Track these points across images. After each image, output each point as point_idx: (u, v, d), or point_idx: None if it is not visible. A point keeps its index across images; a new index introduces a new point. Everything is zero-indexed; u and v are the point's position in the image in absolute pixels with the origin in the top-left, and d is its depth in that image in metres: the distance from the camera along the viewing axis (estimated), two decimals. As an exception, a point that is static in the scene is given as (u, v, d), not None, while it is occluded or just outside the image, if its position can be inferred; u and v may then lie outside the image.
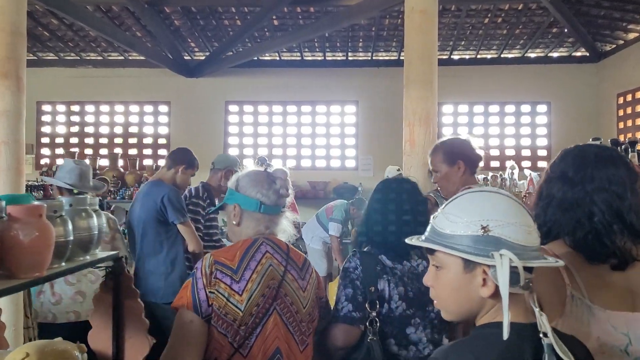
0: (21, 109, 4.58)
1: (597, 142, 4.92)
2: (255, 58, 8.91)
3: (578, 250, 1.43)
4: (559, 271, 1.39)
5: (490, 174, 7.55)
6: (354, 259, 2.08)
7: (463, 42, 8.32)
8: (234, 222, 1.92)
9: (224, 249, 1.89)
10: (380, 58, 8.93)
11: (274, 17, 7.62)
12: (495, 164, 8.65)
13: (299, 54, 8.84)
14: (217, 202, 4.23)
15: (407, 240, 1.27)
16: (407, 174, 4.15)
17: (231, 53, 8.30)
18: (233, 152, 9.08)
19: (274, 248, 1.88)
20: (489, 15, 7.40)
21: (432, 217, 1.25)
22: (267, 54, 8.90)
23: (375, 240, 2.12)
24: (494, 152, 8.76)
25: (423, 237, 1.24)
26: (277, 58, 8.98)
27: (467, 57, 8.76)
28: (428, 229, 1.24)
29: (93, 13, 7.35)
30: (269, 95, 8.98)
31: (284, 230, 1.98)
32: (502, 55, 8.60)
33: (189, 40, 8.47)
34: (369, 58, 8.90)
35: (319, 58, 8.97)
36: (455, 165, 2.68)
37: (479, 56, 8.68)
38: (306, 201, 8.54)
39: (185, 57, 8.91)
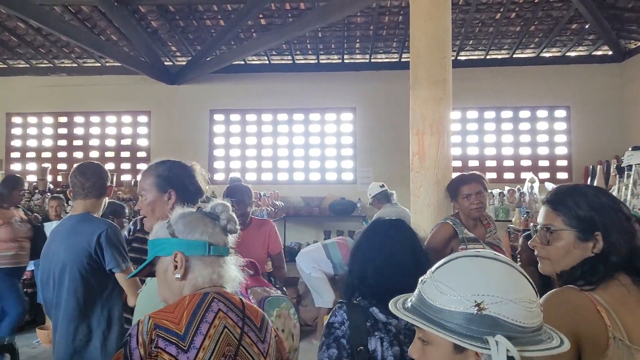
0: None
1: (637, 151, 4.13)
2: (243, 62, 8.16)
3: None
4: (600, 314, 1.34)
5: (507, 188, 6.75)
6: (340, 311, 1.80)
7: (471, 41, 7.54)
8: (177, 276, 1.54)
9: (166, 309, 1.52)
10: (380, 60, 8.15)
11: (261, 15, 6.85)
12: (509, 175, 7.85)
13: (290, 57, 8.06)
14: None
15: (391, 308, 1.16)
16: (416, 194, 3.34)
17: (215, 55, 7.51)
18: (219, 165, 8.29)
19: (227, 305, 1.55)
20: (502, 9, 6.62)
21: (420, 280, 1.14)
22: (255, 58, 8.14)
23: (366, 290, 1.82)
24: (508, 163, 7.95)
25: (409, 303, 1.15)
26: (267, 62, 8.20)
27: (476, 57, 7.98)
28: (415, 294, 1.14)
29: (61, 15, 6.61)
30: (257, 102, 8.20)
31: (233, 278, 1.62)
32: (515, 55, 7.82)
33: (169, 44, 7.70)
34: (367, 60, 8.12)
35: (312, 61, 8.20)
36: (166, 194, 2.19)
37: (489, 56, 7.90)
38: (299, 219, 7.75)
39: (166, 63, 8.14)
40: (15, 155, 8.48)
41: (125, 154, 8.43)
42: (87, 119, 8.44)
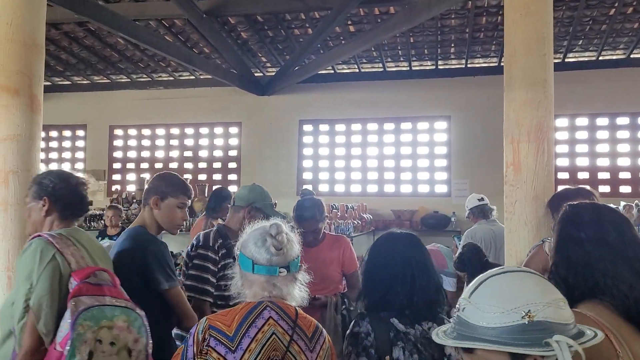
0: (35, 132, 3.88)
1: None
2: (332, 71, 7.99)
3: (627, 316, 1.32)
4: (609, 340, 1.25)
5: (623, 203, 5.96)
6: (364, 322, 1.93)
7: (581, 42, 6.81)
8: (239, 284, 1.75)
9: (222, 312, 1.71)
10: (477, 65, 7.62)
11: (349, 22, 6.63)
12: (626, 189, 7.00)
13: (380, 64, 7.77)
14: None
15: (434, 337, 1.19)
16: (510, 211, 2.91)
17: (303, 64, 7.39)
18: (307, 176, 8.14)
19: (279, 314, 1.66)
20: (616, 4, 5.89)
21: (456, 307, 1.17)
22: (345, 67, 7.94)
23: (384, 301, 1.94)
24: (624, 175, 7.07)
25: (449, 330, 1.17)
26: (357, 70, 7.97)
27: (587, 59, 7.21)
28: (453, 321, 1.17)
29: (156, 30, 6.82)
30: (347, 112, 7.98)
31: (293, 296, 1.72)
32: (633, 56, 6.96)
33: (259, 55, 7.70)
34: (463, 66, 7.63)
35: (404, 68, 7.84)
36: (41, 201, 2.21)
37: (602, 57, 7.10)
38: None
39: (256, 74, 8.16)
40: (117, 166, 8.89)
41: (217, 165, 8.55)
42: (182, 130, 8.68)
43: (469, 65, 7.60)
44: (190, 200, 2.56)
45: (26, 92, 3.82)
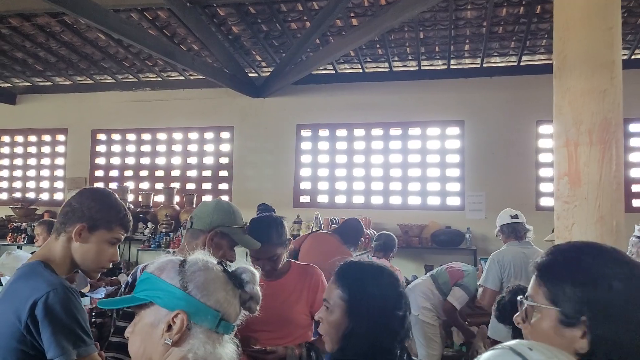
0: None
1: None
2: (334, 71, 7.28)
3: None
4: None
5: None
6: None
7: None
8: (167, 341, 1.16)
9: None
10: (494, 65, 6.89)
11: (352, 13, 5.92)
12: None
13: (386, 63, 7.05)
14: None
15: None
16: (565, 237, 2.17)
17: (301, 60, 6.67)
18: (305, 185, 7.40)
19: None
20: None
21: None
22: (347, 67, 7.23)
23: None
24: None
25: None
26: (360, 70, 7.25)
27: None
28: None
29: (138, 24, 6.13)
30: (349, 116, 7.26)
31: (229, 358, 1.22)
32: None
33: (253, 52, 7.00)
34: (478, 65, 6.90)
35: (413, 68, 7.12)
36: None
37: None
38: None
39: (250, 74, 7.45)
40: (99, 173, 8.19)
41: (207, 173, 7.82)
42: (170, 135, 7.97)
43: (484, 65, 6.87)
44: (124, 236, 1.83)
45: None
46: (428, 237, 6.55)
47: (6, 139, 8.50)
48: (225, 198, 7.37)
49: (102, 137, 8.19)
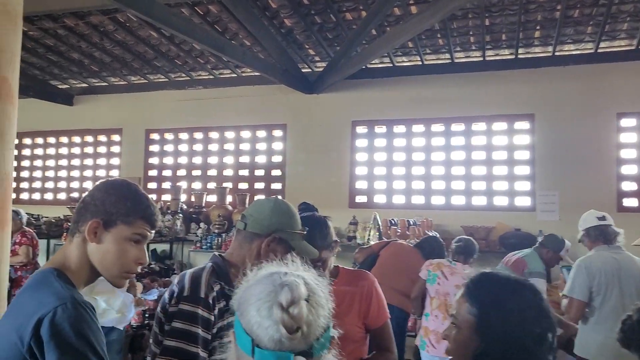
0: (6, 126, 3.01)
1: None
2: (390, 64, 6.90)
3: None
4: None
5: None
6: None
7: None
8: None
9: None
10: (567, 53, 6.33)
11: (412, 1, 5.53)
12: None
13: (447, 55, 6.60)
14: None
15: None
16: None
17: (356, 53, 6.33)
18: (361, 185, 7.04)
19: None
20: None
21: None
22: (405, 59, 6.83)
23: None
24: None
25: None
26: (419, 62, 6.84)
27: None
28: None
29: (189, 19, 5.96)
30: (408, 111, 6.86)
31: None
32: None
33: (306, 47, 6.71)
34: (550, 54, 6.34)
35: (477, 59, 6.64)
36: None
37: None
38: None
39: (303, 70, 7.18)
40: (152, 173, 8.14)
41: (259, 172, 7.61)
42: (222, 134, 7.81)
43: (557, 53, 6.31)
44: (153, 232, 1.52)
45: (-9, 73, 2.96)
46: (495, 240, 6.06)
47: (64, 139, 8.59)
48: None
49: (155, 136, 8.14)
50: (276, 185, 7.44)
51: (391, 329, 2.35)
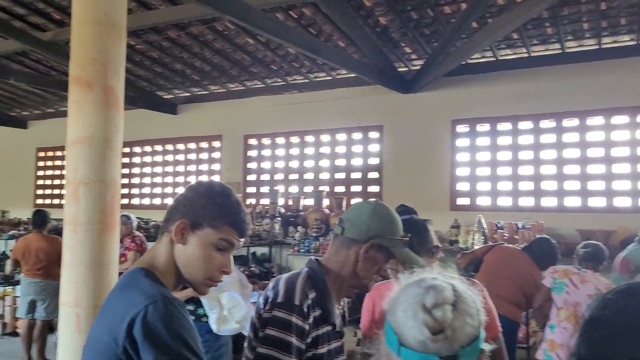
0: (112, 133, 3.11)
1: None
2: (493, 58, 6.51)
3: None
4: None
5: None
6: None
7: None
8: None
9: None
10: (700, 34, 5.61)
11: (516, -12, 5.15)
12: None
13: (558, 44, 6.10)
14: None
15: None
16: None
17: (455, 48, 6.02)
18: (462, 187, 6.70)
19: None
20: None
21: None
22: (510, 52, 6.40)
23: None
24: None
25: None
26: (526, 54, 6.38)
27: None
28: None
29: (284, 23, 5.99)
30: (513, 107, 6.43)
31: None
32: None
33: (401, 45, 6.50)
34: (680, 36, 5.66)
35: (591, 47, 6.08)
36: None
37: None
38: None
39: (399, 69, 6.96)
40: (251, 177, 8.30)
41: (356, 175, 7.49)
42: (318, 137, 7.78)
43: (688, 35, 5.62)
44: (242, 241, 1.43)
45: (100, 84, 3.06)
46: (616, 245, 5.47)
47: (169, 147, 9.00)
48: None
49: (253, 141, 8.29)
50: (373, 188, 7.28)
51: (503, 342, 2.16)
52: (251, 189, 8.26)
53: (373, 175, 7.33)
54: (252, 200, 8.14)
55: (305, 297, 1.60)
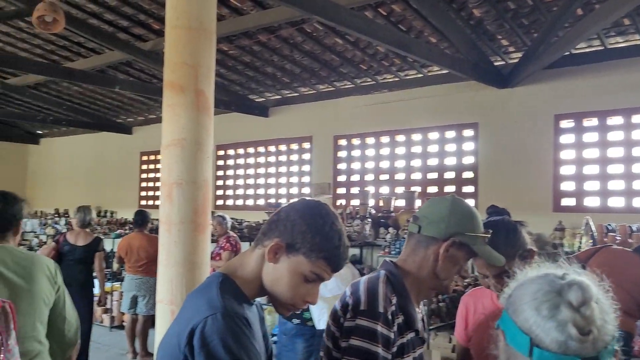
0: (203, 136, 3.16)
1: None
2: (601, 47, 6.01)
3: None
4: None
5: None
6: None
7: None
8: None
9: None
10: None
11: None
12: None
13: (677, 28, 5.50)
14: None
15: None
16: None
17: (557, 38, 5.60)
18: (567, 186, 6.23)
19: None
20: None
21: None
22: (620, 40, 5.87)
23: None
24: None
25: None
26: (639, 41, 5.81)
27: None
28: None
29: (372, 21, 5.89)
30: (625, 100, 5.90)
31: None
32: None
33: (498, 37, 6.17)
34: None
35: None
36: None
37: None
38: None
39: (496, 63, 6.61)
40: (341, 178, 8.26)
41: (449, 175, 7.22)
42: (409, 137, 7.59)
43: None
44: (331, 276, 1.35)
45: (191, 88, 3.12)
46: None
47: (261, 149, 9.19)
48: (471, 202, 6.66)
49: (342, 142, 8.25)
50: (468, 189, 6.98)
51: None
52: (341, 190, 8.23)
53: (467, 175, 7.02)
54: (342, 201, 8.09)
55: (389, 303, 1.50)
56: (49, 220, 10.66)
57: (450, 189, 7.16)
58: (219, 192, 9.62)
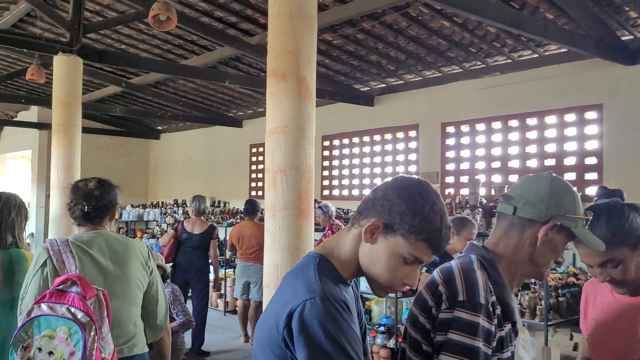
0: (305, 122, 3.17)
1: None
2: None
3: None
4: None
5: None
6: None
7: None
8: None
9: None
10: None
11: None
12: None
13: None
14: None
15: None
16: None
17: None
18: None
19: None
20: None
21: None
22: None
23: None
24: None
25: None
26: None
27: None
28: None
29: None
30: None
31: None
32: None
33: (625, 9, 5.57)
34: None
35: None
36: None
37: None
38: None
39: (623, 37, 5.99)
40: (449, 167, 7.98)
41: (569, 162, 6.69)
42: (523, 121, 7.13)
43: None
44: (432, 258, 1.28)
45: (293, 74, 3.14)
46: None
47: (366, 138, 9.13)
48: (592, 191, 6.12)
49: (450, 129, 7.95)
50: (590, 175, 6.42)
51: None
52: (449, 179, 7.94)
53: (590, 161, 6.45)
54: (451, 191, 7.81)
55: (489, 293, 1.37)
56: (169, 210, 11.41)
57: (570, 176, 6.64)
58: (325, 182, 9.71)
